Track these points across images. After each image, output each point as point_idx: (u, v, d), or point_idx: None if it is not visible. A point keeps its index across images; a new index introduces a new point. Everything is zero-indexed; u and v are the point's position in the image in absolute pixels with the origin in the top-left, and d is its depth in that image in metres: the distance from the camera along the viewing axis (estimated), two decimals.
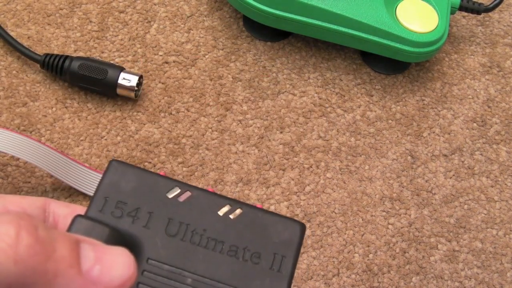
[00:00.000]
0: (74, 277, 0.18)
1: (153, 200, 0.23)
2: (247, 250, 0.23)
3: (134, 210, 0.23)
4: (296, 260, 0.23)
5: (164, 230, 0.22)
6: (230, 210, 0.23)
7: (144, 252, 0.22)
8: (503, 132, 0.45)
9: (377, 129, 0.45)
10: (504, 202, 0.43)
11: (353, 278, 0.39)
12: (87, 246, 0.19)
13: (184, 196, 0.23)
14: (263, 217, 0.23)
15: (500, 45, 0.49)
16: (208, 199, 0.23)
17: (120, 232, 0.22)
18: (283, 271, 0.22)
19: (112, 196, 0.23)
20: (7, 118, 0.42)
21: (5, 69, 0.44)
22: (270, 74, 0.46)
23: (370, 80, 0.47)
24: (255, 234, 0.23)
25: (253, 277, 0.22)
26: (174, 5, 0.48)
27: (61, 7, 0.47)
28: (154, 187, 0.23)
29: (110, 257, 0.19)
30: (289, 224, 0.23)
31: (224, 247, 0.23)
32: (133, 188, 0.23)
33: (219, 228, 0.23)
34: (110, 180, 0.23)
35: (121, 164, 0.23)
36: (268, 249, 0.23)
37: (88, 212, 0.22)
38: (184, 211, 0.23)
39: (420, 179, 0.43)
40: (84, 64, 0.43)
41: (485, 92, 0.47)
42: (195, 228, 0.23)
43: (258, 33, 0.47)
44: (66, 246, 0.19)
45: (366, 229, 0.41)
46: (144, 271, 0.22)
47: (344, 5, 0.43)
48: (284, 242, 0.23)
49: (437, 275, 0.40)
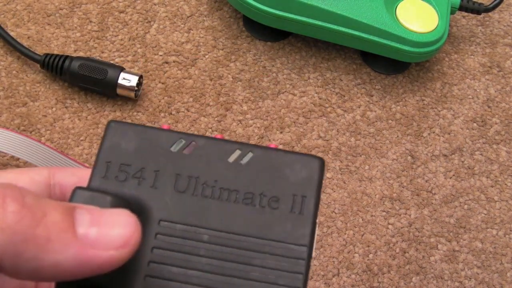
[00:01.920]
0: (69, 242, 0.17)
1: (157, 157, 0.21)
2: (263, 195, 0.21)
3: (139, 171, 0.21)
4: (318, 198, 0.21)
5: (173, 187, 0.21)
6: (241, 155, 0.22)
7: (155, 214, 0.21)
8: (503, 132, 0.45)
9: (377, 129, 0.45)
10: (504, 202, 0.43)
11: (353, 278, 0.39)
12: (83, 211, 0.18)
13: (189, 148, 0.22)
14: (276, 157, 0.22)
15: (500, 45, 0.49)
16: (216, 147, 0.22)
17: (125, 198, 0.20)
18: (305, 212, 0.21)
19: (114, 159, 0.21)
20: (7, 118, 0.42)
21: (5, 69, 0.44)
22: (270, 74, 0.46)
23: (370, 80, 0.47)
24: (270, 177, 0.21)
25: (273, 224, 0.21)
26: (174, 5, 0.48)
27: (61, 7, 0.47)
28: (157, 142, 0.22)
29: (108, 218, 0.18)
30: (306, 161, 0.22)
31: (239, 196, 0.21)
32: (135, 147, 0.22)
33: (231, 176, 0.21)
34: (111, 143, 0.22)
35: (120, 124, 0.22)
36: (286, 191, 0.21)
37: (91, 181, 0.21)
38: (191, 164, 0.21)
39: (420, 179, 0.43)
40: (84, 64, 0.43)
41: (485, 92, 0.47)
42: (205, 181, 0.21)
43: (258, 33, 0.47)
44: (59, 212, 0.18)
45: (366, 229, 0.41)
46: (157, 234, 0.20)
47: (344, 5, 0.43)
48: (302, 181, 0.21)
49: (437, 275, 0.40)
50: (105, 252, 0.17)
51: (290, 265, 0.20)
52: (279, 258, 0.20)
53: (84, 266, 0.17)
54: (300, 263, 0.20)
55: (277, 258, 0.20)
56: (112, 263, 0.17)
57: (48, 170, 0.23)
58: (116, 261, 0.18)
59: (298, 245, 0.20)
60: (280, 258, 0.20)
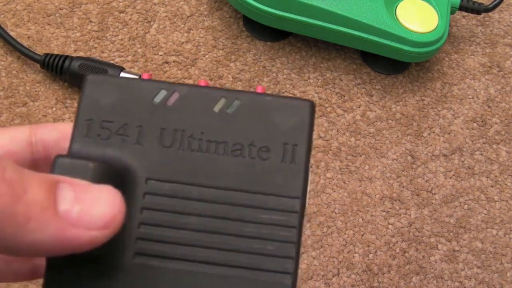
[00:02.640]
0: (49, 220, 0.16)
1: (140, 110, 0.20)
2: (252, 145, 0.20)
3: (121, 127, 0.20)
4: (309, 145, 0.20)
5: (158, 142, 0.20)
6: (227, 103, 0.21)
7: (142, 173, 0.20)
8: (503, 132, 0.45)
9: (377, 129, 0.45)
10: (504, 202, 0.43)
11: (353, 278, 0.39)
12: (66, 186, 0.17)
13: (172, 98, 0.21)
14: (264, 104, 0.21)
15: (500, 45, 0.49)
16: (200, 95, 0.21)
17: (108, 160, 0.19)
18: (297, 161, 0.20)
19: (95, 116, 0.20)
20: (7, 118, 0.42)
21: (5, 69, 0.44)
22: (270, 74, 0.46)
23: (370, 80, 0.47)
24: (259, 126, 0.20)
25: (264, 175, 0.20)
26: (174, 5, 0.48)
27: (61, 7, 0.47)
28: (138, 95, 0.20)
29: (92, 195, 0.17)
30: (295, 105, 0.21)
31: (227, 147, 0.20)
32: (116, 101, 0.20)
33: (218, 126, 0.20)
34: (89, 99, 0.20)
35: (98, 77, 0.21)
36: (276, 140, 0.20)
37: (72, 142, 0.20)
38: (176, 116, 0.20)
39: (420, 179, 0.43)
40: (84, 64, 0.43)
41: (485, 92, 0.47)
42: (191, 133, 0.20)
43: (258, 33, 0.47)
44: (41, 187, 0.17)
45: (366, 229, 0.41)
46: (146, 194, 0.20)
47: (344, 5, 0.43)
48: (293, 127, 0.20)
49: (437, 275, 0.40)
50: (86, 232, 0.17)
51: (283, 218, 0.20)
52: (272, 212, 0.20)
53: (64, 245, 0.17)
54: (293, 216, 0.20)
55: (270, 212, 0.20)
56: (93, 243, 0.17)
57: (29, 127, 0.22)
58: (97, 241, 0.17)
59: (290, 198, 0.20)
60: (272, 212, 0.20)
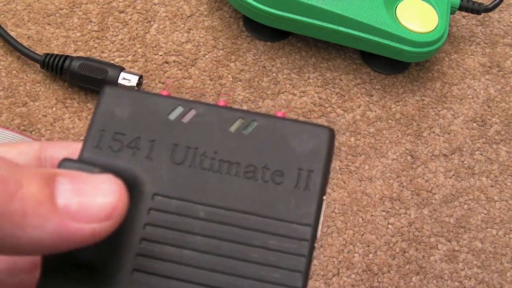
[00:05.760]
0: (47, 215, 0.16)
1: (153, 125, 0.20)
2: (266, 169, 0.19)
3: (133, 140, 0.20)
4: (326, 172, 0.19)
5: (169, 158, 0.19)
6: (243, 124, 0.20)
7: (149, 188, 0.19)
8: (503, 132, 0.45)
9: (377, 129, 0.45)
10: (504, 202, 0.43)
11: (353, 278, 0.39)
12: (64, 179, 0.17)
13: (188, 115, 0.20)
14: (282, 127, 0.20)
15: (500, 45, 0.49)
16: (217, 115, 0.20)
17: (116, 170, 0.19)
18: (311, 187, 0.19)
19: (108, 127, 0.20)
20: (7, 118, 0.42)
21: (5, 69, 0.44)
22: (270, 74, 0.46)
23: (370, 80, 0.47)
24: (274, 149, 0.20)
25: (275, 201, 0.19)
26: (174, 5, 0.48)
27: (61, 7, 0.47)
28: (154, 110, 0.20)
29: (92, 185, 0.17)
30: (314, 131, 0.20)
31: (240, 169, 0.19)
32: (131, 114, 0.20)
33: (232, 147, 0.20)
34: (105, 110, 0.20)
35: (115, 89, 0.20)
36: (291, 165, 0.19)
37: (83, 150, 0.20)
38: (190, 133, 0.20)
39: (420, 179, 0.43)
40: (84, 64, 0.43)
41: (485, 92, 0.47)
42: (204, 151, 0.19)
43: (258, 33, 0.47)
44: (36, 182, 0.16)
45: (366, 229, 0.41)
46: (151, 210, 0.19)
47: (344, 5, 0.43)
48: (309, 153, 0.19)
49: (437, 275, 0.40)
50: (87, 225, 0.16)
51: (293, 246, 0.19)
52: (281, 238, 0.19)
53: (65, 241, 0.16)
54: (303, 245, 0.19)
55: (279, 238, 0.19)
56: (95, 236, 0.16)
57: (40, 143, 0.22)
58: (99, 234, 0.16)
59: (302, 225, 0.19)
60: (281, 238, 0.19)
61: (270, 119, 0.20)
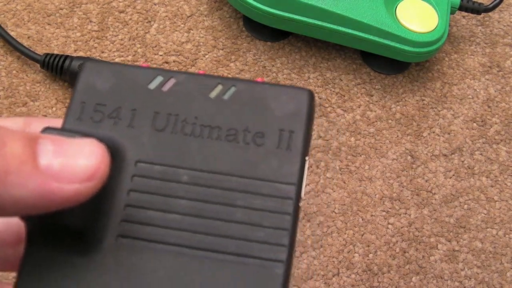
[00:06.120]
0: (29, 174, 0.16)
1: (134, 95, 0.20)
2: (247, 131, 0.20)
3: (115, 110, 0.20)
4: (307, 132, 0.20)
5: (151, 126, 0.20)
6: (223, 90, 0.20)
7: (131, 155, 0.19)
8: (503, 132, 0.45)
9: (377, 129, 0.45)
10: (504, 202, 0.43)
11: (353, 278, 0.39)
12: (46, 141, 0.17)
13: (168, 84, 0.20)
14: (262, 91, 0.20)
15: (500, 45, 0.49)
16: (196, 82, 0.20)
17: (98, 138, 0.19)
18: (293, 147, 0.19)
19: (89, 99, 0.20)
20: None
21: (5, 69, 0.44)
22: (270, 74, 0.46)
23: (370, 80, 0.47)
24: (254, 112, 0.20)
25: (258, 161, 0.19)
26: (174, 5, 0.48)
27: (61, 7, 0.47)
28: (134, 80, 0.20)
29: (74, 148, 0.17)
30: (294, 93, 0.20)
31: (221, 132, 0.20)
32: (111, 86, 0.20)
33: (213, 112, 0.20)
34: (86, 83, 0.20)
35: (96, 62, 0.21)
36: (272, 126, 0.20)
37: (64, 122, 0.20)
38: (170, 101, 0.20)
39: (420, 179, 0.43)
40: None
41: (485, 92, 0.47)
42: (185, 118, 0.20)
43: (258, 33, 0.47)
44: (19, 142, 0.16)
45: (366, 229, 0.41)
46: (134, 176, 0.19)
47: (344, 5, 0.43)
48: (290, 114, 0.20)
49: (437, 275, 0.40)
50: (69, 185, 0.16)
51: (277, 205, 0.19)
52: (265, 198, 0.19)
53: (47, 200, 0.16)
54: (288, 203, 0.19)
55: (263, 198, 0.19)
56: (78, 197, 0.17)
57: (24, 119, 0.22)
58: (81, 195, 0.17)
59: (285, 184, 0.19)
60: (265, 198, 0.19)
61: (249, 84, 0.20)
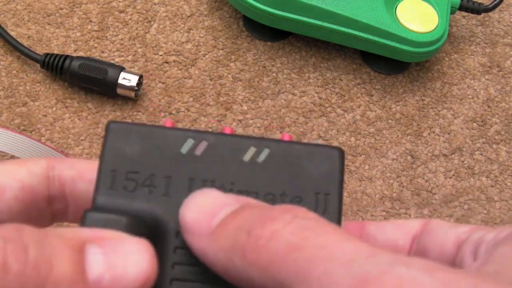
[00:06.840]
0: None
1: (166, 161, 0.20)
2: (284, 195, 0.20)
3: (148, 178, 0.19)
4: (341, 193, 0.20)
5: (187, 193, 0.19)
6: (256, 153, 0.20)
7: (172, 226, 0.19)
8: (503, 132, 0.45)
9: (377, 129, 0.45)
10: (504, 202, 0.43)
11: None
12: (94, 248, 0.17)
13: (200, 147, 0.20)
14: (294, 152, 0.20)
15: (500, 45, 0.49)
16: (228, 144, 0.20)
17: (140, 215, 0.19)
18: (330, 210, 0.19)
19: (119, 166, 0.19)
20: (7, 118, 0.42)
21: (5, 69, 0.44)
22: (270, 74, 0.46)
23: (370, 80, 0.47)
24: (289, 175, 0.20)
25: None
26: (174, 5, 0.48)
27: (61, 7, 0.47)
28: (164, 144, 0.20)
29: (123, 255, 0.17)
30: (325, 153, 0.20)
31: (259, 197, 0.19)
32: (141, 151, 0.20)
33: (249, 176, 0.20)
34: (113, 148, 0.20)
35: (121, 125, 0.20)
36: (308, 189, 0.20)
37: (97, 193, 0.19)
38: (204, 166, 0.20)
39: (420, 179, 0.43)
40: (84, 64, 0.43)
41: (485, 92, 0.47)
42: (222, 183, 0.19)
43: (258, 33, 0.47)
44: (67, 259, 0.16)
45: None
46: (176, 249, 0.19)
47: (344, 5, 0.43)
48: (324, 176, 0.20)
49: None
50: None
51: None
52: None
53: None
54: None
55: None
56: None
57: (47, 161, 0.22)
58: None
59: None
60: None
61: (282, 145, 0.20)
